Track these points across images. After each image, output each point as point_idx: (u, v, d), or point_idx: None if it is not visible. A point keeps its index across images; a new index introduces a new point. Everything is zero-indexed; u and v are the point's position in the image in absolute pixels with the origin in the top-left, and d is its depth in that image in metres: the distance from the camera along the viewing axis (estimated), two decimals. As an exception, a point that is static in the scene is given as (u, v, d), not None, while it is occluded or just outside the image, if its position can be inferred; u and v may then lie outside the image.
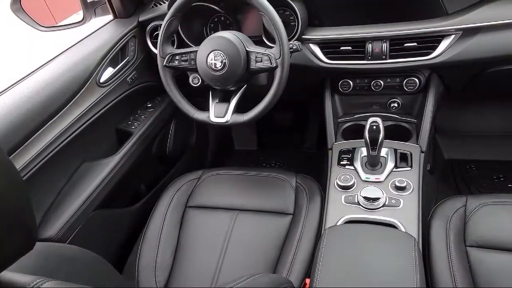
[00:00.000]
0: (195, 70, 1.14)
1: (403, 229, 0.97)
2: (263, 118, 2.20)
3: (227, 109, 1.14)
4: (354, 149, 1.20)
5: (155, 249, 1.15)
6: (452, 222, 1.01)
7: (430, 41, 1.12)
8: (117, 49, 1.32)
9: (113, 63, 1.32)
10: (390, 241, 0.85)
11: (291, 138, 2.14)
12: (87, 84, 1.20)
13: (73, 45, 1.29)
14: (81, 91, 1.18)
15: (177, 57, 1.16)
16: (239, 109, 1.14)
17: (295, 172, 1.28)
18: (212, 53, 1.08)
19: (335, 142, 1.27)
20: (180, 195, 1.28)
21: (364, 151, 1.15)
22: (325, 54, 1.22)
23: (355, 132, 1.28)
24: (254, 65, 1.07)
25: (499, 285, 0.88)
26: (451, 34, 1.09)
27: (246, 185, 1.28)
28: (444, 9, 1.09)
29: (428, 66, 1.16)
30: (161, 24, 1.14)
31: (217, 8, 1.30)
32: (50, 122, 1.08)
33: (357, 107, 1.34)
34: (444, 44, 1.10)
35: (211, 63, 1.08)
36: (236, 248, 1.12)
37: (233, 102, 1.14)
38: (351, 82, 1.27)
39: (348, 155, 1.19)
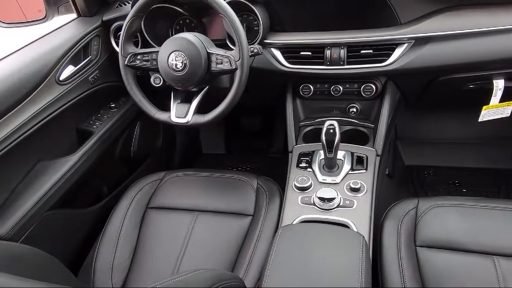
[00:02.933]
0: (156, 70, 1.14)
1: (355, 229, 1.00)
2: (231, 122, 2.23)
3: (188, 109, 1.14)
4: (313, 152, 1.24)
5: (113, 250, 1.14)
6: (403, 223, 1.05)
7: (384, 49, 1.16)
8: (79, 47, 1.31)
9: (74, 61, 1.30)
10: (339, 239, 0.87)
11: (258, 142, 2.17)
12: (45, 81, 1.17)
13: (32, 42, 1.26)
14: (39, 88, 1.16)
15: (138, 57, 1.16)
16: (202, 111, 1.15)
17: (256, 174, 1.29)
18: (173, 53, 1.08)
19: (296, 145, 1.30)
20: (142, 196, 1.28)
21: (322, 154, 1.18)
22: (286, 58, 1.25)
23: (316, 135, 1.31)
24: (214, 67, 1.09)
25: (445, 283, 0.92)
26: (404, 43, 1.14)
27: (208, 186, 1.28)
28: (397, 19, 1.14)
29: (383, 73, 1.21)
30: None
31: (181, 10, 1.31)
32: (3, 119, 1.05)
33: (318, 111, 1.37)
34: (397, 52, 1.15)
35: (172, 64, 1.09)
36: (195, 249, 1.12)
37: (194, 103, 1.15)
38: (311, 87, 1.31)
39: (308, 158, 1.22)
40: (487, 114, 1.27)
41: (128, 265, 1.13)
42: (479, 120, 1.29)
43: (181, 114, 1.15)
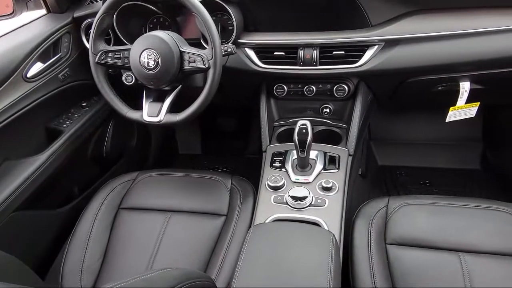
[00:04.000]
0: (128, 68, 1.13)
1: (326, 227, 1.01)
2: (207, 123, 2.22)
3: (161, 108, 1.13)
4: (286, 151, 1.24)
5: (82, 252, 1.11)
6: (374, 221, 1.07)
7: (356, 50, 1.18)
8: (48, 44, 1.27)
9: (43, 58, 1.27)
10: (310, 238, 0.88)
11: (235, 143, 2.17)
12: (11, 78, 1.14)
13: (-2, 38, 1.23)
14: (4, 85, 1.12)
15: (110, 55, 1.14)
16: (175, 110, 1.14)
17: (231, 174, 1.29)
18: (145, 51, 1.07)
19: (269, 145, 1.30)
20: (113, 196, 1.25)
21: (295, 153, 1.19)
22: (260, 58, 1.25)
23: (290, 135, 1.32)
24: (187, 66, 1.08)
25: (414, 279, 0.94)
26: (374, 45, 1.17)
27: (181, 186, 1.27)
28: (368, 21, 1.17)
29: (355, 74, 1.23)
30: None
31: (155, 8, 1.29)
32: None
33: (292, 112, 1.38)
34: (368, 53, 1.17)
35: (144, 62, 1.07)
36: (168, 250, 1.11)
37: (167, 101, 1.14)
38: (285, 87, 1.31)
39: (281, 158, 1.23)
40: (454, 115, 1.31)
41: (98, 267, 1.11)
42: (447, 121, 1.33)
43: (153, 113, 1.14)
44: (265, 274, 0.78)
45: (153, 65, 1.07)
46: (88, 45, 1.37)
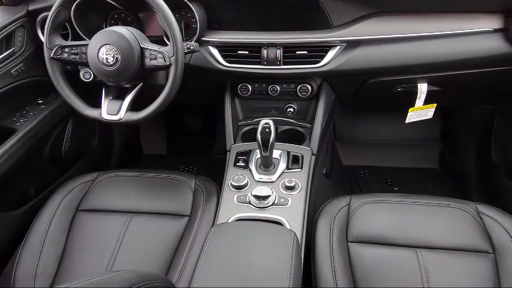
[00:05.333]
0: (86, 64, 1.09)
1: (288, 226, 1.01)
2: (173, 122, 2.18)
3: (121, 106, 1.10)
4: (250, 151, 1.24)
5: (37, 257, 1.07)
6: (336, 219, 1.08)
7: (318, 51, 1.20)
8: None
9: (-6, 52, 1.20)
10: (271, 237, 0.87)
11: (201, 143, 2.14)
12: None
13: None
14: None
15: (66, 50, 1.10)
16: (138, 109, 1.11)
17: (195, 174, 1.27)
18: (104, 47, 1.04)
19: (234, 144, 1.30)
20: (71, 198, 1.21)
21: (259, 152, 1.18)
22: (223, 57, 1.25)
23: (254, 135, 1.32)
24: (148, 63, 1.06)
25: (374, 275, 0.96)
26: (336, 45, 1.18)
27: (143, 187, 1.24)
28: (330, 22, 1.18)
29: (318, 74, 1.24)
30: None
31: (115, 4, 1.25)
32: None
33: (256, 111, 1.38)
34: (330, 54, 1.19)
35: (103, 58, 1.04)
36: (128, 253, 1.08)
37: (127, 99, 1.11)
38: (249, 86, 1.31)
39: (245, 157, 1.22)
40: (413, 116, 1.35)
41: (54, 271, 1.06)
42: (406, 122, 1.37)
43: (113, 111, 1.11)
44: (224, 274, 0.77)
45: (112, 61, 1.04)
46: (43, 39, 1.31)
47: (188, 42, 1.12)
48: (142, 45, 1.05)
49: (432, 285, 0.92)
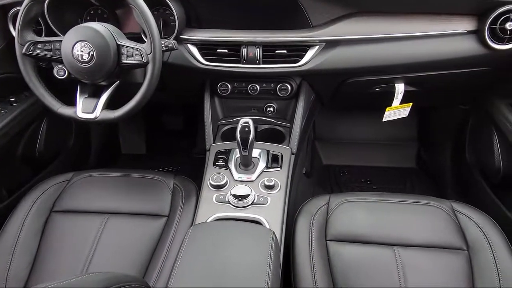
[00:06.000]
0: (60, 61, 1.06)
1: (267, 226, 1.01)
2: (152, 121, 2.15)
3: (96, 104, 1.08)
4: (230, 150, 1.23)
5: (8, 260, 1.03)
6: (315, 218, 1.09)
7: (298, 50, 1.20)
8: None
9: (-38, 48, 1.15)
10: (249, 236, 0.87)
11: (182, 142, 2.12)
12: None
13: None
14: None
15: (39, 46, 1.06)
16: (115, 107, 1.09)
17: (174, 173, 1.26)
18: (79, 43, 1.01)
19: (213, 143, 1.29)
20: (45, 199, 1.17)
21: (239, 152, 1.18)
22: (202, 55, 1.23)
23: (234, 134, 1.31)
24: (125, 60, 1.04)
25: (352, 274, 0.97)
26: (315, 45, 1.19)
27: (120, 187, 1.22)
28: (309, 22, 1.19)
29: (297, 73, 1.25)
30: None
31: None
32: None
33: (236, 110, 1.38)
34: (310, 53, 1.20)
35: (77, 54, 1.02)
36: (104, 254, 1.05)
37: (104, 97, 1.09)
38: (229, 85, 1.31)
39: (224, 156, 1.22)
40: (390, 114, 1.37)
41: (26, 275, 1.03)
42: (383, 120, 1.39)
43: (88, 109, 1.08)
44: (201, 274, 0.76)
45: (87, 58, 1.01)
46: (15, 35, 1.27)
47: (166, 40, 1.10)
48: (118, 42, 1.03)
49: (409, 281, 0.93)
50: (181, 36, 1.22)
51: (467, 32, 1.17)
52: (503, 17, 1.11)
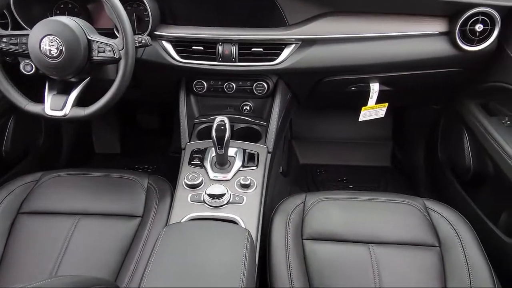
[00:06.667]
0: (27, 56, 1.03)
1: (243, 225, 1.00)
2: (127, 120, 2.10)
3: (66, 101, 1.04)
4: (206, 149, 1.22)
5: None
6: (291, 217, 1.09)
7: (274, 48, 1.20)
8: None
9: None
10: (224, 236, 0.86)
11: (157, 141, 2.08)
12: None
13: None
14: None
15: (4, 40, 1.02)
16: (85, 105, 1.06)
17: (148, 173, 1.23)
18: (47, 38, 0.98)
19: (189, 142, 1.27)
20: (11, 200, 1.12)
21: (214, 151, 1.16)
22: (178, 52, 1.21)
23: (210, 133, 1.30)
24: (96, 56, 1.01)
25: (328, 271, 0.97)
26: (291, 43, 1.19)
27: (92, 187, 1.18)
28: (285, 20, 1.19)
29: (273, 72, 1.24)
30: None
31: (60, -8, 1.19)
32: None
33: (212, 109, 1.36)
34: (286, 52, 1.19)
35: (45, 49, 0.98)
36: (75, 257, 1.02)
37: (73, 94, 1.05)
38: (205, 83, 1.29)
39: (200, 155, 1.20)
40: (365, 114, 1.39)
41: None
42: (359, 120, 1.40)
43: (57, 106, 1.05)
44: (174, 275, 0.75)
45: (55, 53, 0.98)
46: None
47: (140, 36, 1.08)
48: (89, 37, 1.00)
49: (383, 278, 0.94)
50: (155, 33, 1.19)
51: (439, 33, 1.19)
52: (473, 19, 1.14)
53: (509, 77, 1.19)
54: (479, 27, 1.14)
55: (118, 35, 1.00)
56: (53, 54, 0.98)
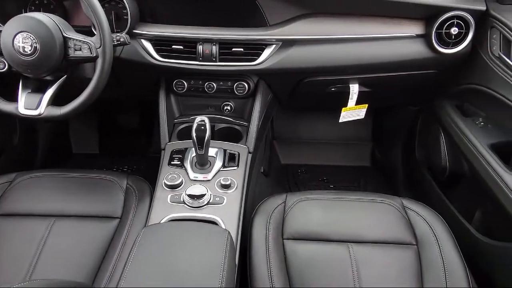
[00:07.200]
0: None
1: (223, 226, 0.99)
2: (106, 119, 2.06)
3: (41, 100, 1.02)
4: (186, 149, 1.20)
5: None
6: (272, 217, 1.09)
7: (254, 48, 1.20)
8: None
9: None
10: (204, 237, 0.85)
11: (137, 141, 2.05)
12: None
13: None
14: None
15: None
16: (61, 103, 1.04)
17: (127, 173, 1.21)
18: (20, 34, 0.95)
19: (169, 142, 1.25)
20: None
21: (194, 151, 1.16)
22: (157, 51, 1.20)
23: (190, 133, 1.29)
24: (72, 53, 0.99)
25: (308, 271, 0.98)
26: (272, 44, 1.19)
27: (69, 188, 1.16)
28: (266, 21, 1.19)
29: (254, 72, 1.24)
30: None
31: (35, -12, 1.15)
32: None
33: (193, 109, 1.35)
34: (266, 52, 1.20)
35: (19, 46, 0.96)
36: (50, 260, 0.99)
37: (49, 93, 1.03)
38: (185, 83, 1.28)
39: (180, 155, 1.19)
40: (346, 115, 1.40)
41: None
42: (340, 121, 1.42)
43: (31, 105, 1.02)
44: (153, 276, 0.74)
45: (29, 50, 0.95)
46: None
47: (118, 34, 1.06)
48: (65, 34, 0.98)
49: (362, 277, 0.95)
50: (134, 31, 1.18)
51: (416, 35, 1.22)
52: (448, 23, 1.17)
53: (482, 79, 1.22)
54: (454, 30, 1.17)
55: (95, 33, 0.98)
56: (27, 52, 0.95)
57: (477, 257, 1.14)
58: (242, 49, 1.18)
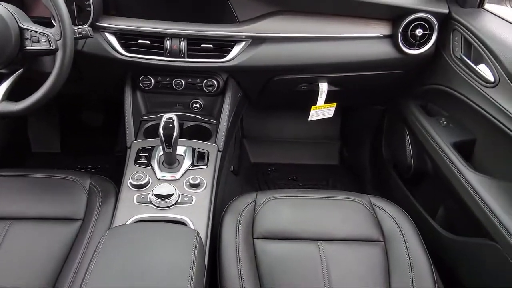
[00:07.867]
0: None
1: (192, 226, 0.97)
2: (69, 117, 1.97)
3: (-6, 95, 0.95)
4: (153, 147, 1.17)
5: None
6: (242, 216, 1.08)
7: (224, 45, 1.18)
8: None
9: None
10: (172, 238, 0.83)
11: (101, 140, 1.97)
12: None
13: None
14: None
15: None
16: (18, 99, 0.98)
17: (90, 173, 1.16)
18: None
19: (135, 140, 1.21)
20: None
21: (162, 149, 1.12)
22: (122, 45, 1.16)
23: (157, 131, 1.25)
24: (29, 45, 0.93)
25: (278, 269, 0.97)
26: (242, 41, 1.18)
27: (26, 189, 1.10)
28: (236, 17, 1.17)
29: (223, 69, 1.23)
30: None
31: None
32: None
33: (160, 106, 1.32)
34: (236, 49, 1.18)
35: None
36: (6, 265, 0.94)
37: (3, 87, 0.97)
38: (152, 79, 1.24)
39: (147, 154, 1.15)
40: (315, 114, 1.41)
41: None
42: (309, 120, 1.43)
43: None
44: (117, 276, 0.71)
45: None
46: None
47: (80, 27, 1.01)
48: (21, 25, 0.92)
49: (332, 275, 0.96)
50: (97, 24, 1.13)
51: (383, 36, 1.24)
52: (413, 24, 1.20)
53: (444, 80, 1.27)
54: (419, 32, 1.20)
55: (55, 24, 0.93)
56: None
57: (441, 252, 1.18)
58: (211, 46, 1.16)
